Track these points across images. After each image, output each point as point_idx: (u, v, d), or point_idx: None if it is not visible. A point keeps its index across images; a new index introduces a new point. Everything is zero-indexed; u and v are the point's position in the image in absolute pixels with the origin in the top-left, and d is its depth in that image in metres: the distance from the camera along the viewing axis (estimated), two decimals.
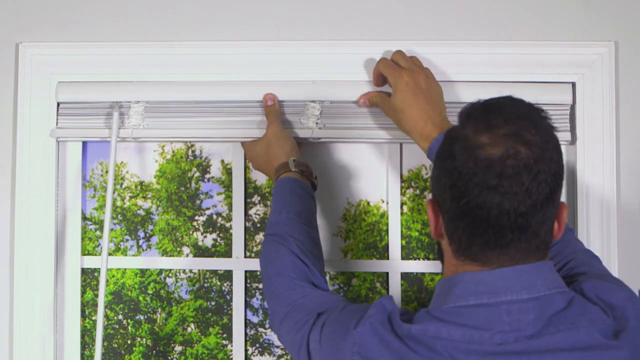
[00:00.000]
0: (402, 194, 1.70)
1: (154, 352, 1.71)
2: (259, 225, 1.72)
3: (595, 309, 1.12)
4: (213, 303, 1.72)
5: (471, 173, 1.07)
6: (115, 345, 1.71)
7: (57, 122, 1.64)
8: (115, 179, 1.67)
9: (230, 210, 1.72)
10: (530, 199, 1.07)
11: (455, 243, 1.12)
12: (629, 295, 1.18)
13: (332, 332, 1.18)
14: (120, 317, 1.71)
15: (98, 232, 1.72)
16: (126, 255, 1.72)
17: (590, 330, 1.08)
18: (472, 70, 1.61)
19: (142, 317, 1.72)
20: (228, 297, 1.71)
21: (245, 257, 1.71)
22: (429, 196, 1.19)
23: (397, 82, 1.50)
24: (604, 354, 1.07)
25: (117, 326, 1.71)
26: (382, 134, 1.62)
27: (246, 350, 1.70)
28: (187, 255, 1.72)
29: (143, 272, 1.72)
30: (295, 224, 1.43)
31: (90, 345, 1.71)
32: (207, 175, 1.73)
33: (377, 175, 1.70)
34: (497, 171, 1.06)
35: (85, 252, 1.71)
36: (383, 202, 1.71)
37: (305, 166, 1.51)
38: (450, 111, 1.53)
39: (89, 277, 1.71)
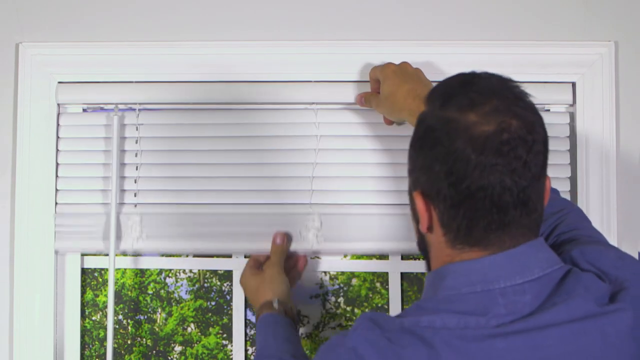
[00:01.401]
0: None
1: (154, 352, 1.71)
2: None
3: (589, 275, 1.09)
4: (213, 303, 1.71)
5: (468, 154, 1.03)
6: (115, 346, 1.71)
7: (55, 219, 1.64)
8: None
9: None
10: (530, 171, 1.04)
11: (452, 232, 1.07)
12: (619, 254, 1.16)
13: None
14: (120, 317, 1.71)
15: None
16: (126, 255, 1.72)
17: (586, 298, 1.05)
18: (472, 70, 1.60)
19: (142, 317, 1.72)
20: (228, 297, 1.71)
21: (245, 257, 1.70)
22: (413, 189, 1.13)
23: (385, 72, 1.51)
24: (603, 321, 1.04)
25: (117, 326, 1.71)
26: (385, 245, 1.62)
27: (246, 350, 1.70)
28: (187, 256, 1.72)
29: (143, 272, 1.72)
30: (283, 348, 1.41)
31: (90, 346, 1.70)
32: None
33: None
34: (494, 148, 1.02)
35: (85, 252, 1.71)
36: None
37: (289, 307, 1.50)
38: None
39: (89, 277, 1.71)
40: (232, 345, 1.71)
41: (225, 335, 1.71)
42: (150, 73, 1.64)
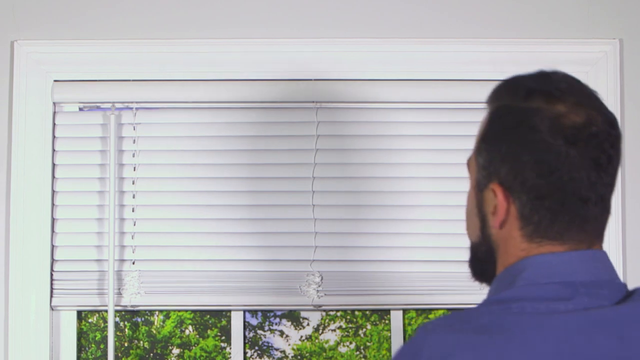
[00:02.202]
0: None
1: (152, 354, 1.70)
2: None
3: None
4: None
5: (559, 145, 1.01)
6: None
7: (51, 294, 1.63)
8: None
9: None
10: (613, 167, 1.04)
11: (531, 224, 1.05)
12: None
13: None
14: (117, 319, 1.70)
15: None
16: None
17: None
18: (476, 68, 1.61)
19: (139, 320, 1.70)
20: None
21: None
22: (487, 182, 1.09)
23: None
24: None
25: (114, 328, 1.69)
26: (385, 299, 1.61)
27: (245, 353, 1.69)
28: None
29: None
30: None
31: (87, 348, 1.69)
32: None
33: None
34: (584, 140, 1.01)
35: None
36: None
37: None
38: (454, 112, 1.54)
39: None
40: (230, 348, 1.69)
41: (223, 338, 1.70)
42: (147, 71, 1.63)
